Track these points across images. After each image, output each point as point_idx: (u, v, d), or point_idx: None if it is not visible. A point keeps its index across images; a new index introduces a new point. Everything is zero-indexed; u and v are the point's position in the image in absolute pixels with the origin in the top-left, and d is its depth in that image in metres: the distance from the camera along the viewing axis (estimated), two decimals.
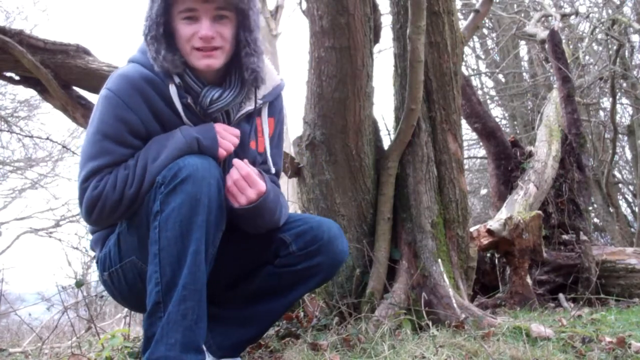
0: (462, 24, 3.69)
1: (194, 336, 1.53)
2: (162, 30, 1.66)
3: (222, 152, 1.67)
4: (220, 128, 1.70)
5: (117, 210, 1.65)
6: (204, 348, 1.79)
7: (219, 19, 1.66)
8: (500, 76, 9.77)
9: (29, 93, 9.52)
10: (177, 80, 1.69)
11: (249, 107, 1.79)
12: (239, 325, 1.83)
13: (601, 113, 8.38)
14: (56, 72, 2.99)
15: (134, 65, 1.73)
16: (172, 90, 1.69)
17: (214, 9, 1.65)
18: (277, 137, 1.93)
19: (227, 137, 1.69)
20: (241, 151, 1.78)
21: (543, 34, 5.64)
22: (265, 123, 1.85)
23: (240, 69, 1.74)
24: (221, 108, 1.73)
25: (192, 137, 1.64)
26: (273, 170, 1.88)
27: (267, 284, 1.83)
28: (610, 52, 7.12)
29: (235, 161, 1.71)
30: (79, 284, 2.42)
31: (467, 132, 7.27)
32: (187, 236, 1.54)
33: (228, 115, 1.77)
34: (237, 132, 1.73)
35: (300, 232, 1.80)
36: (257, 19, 1.72)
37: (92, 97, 3.04)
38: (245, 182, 1.68)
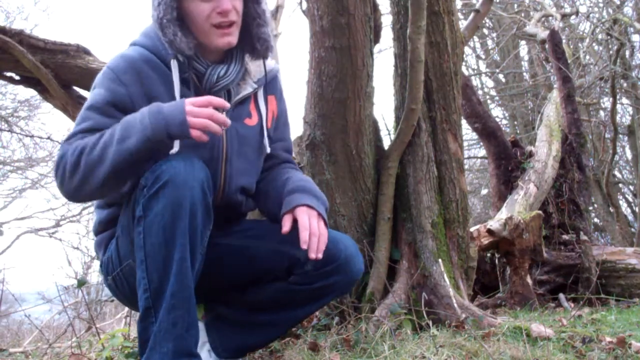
0: (462, 24, 3.70)
1: (185, 343, 1.53)
2: (176, 14, 1.66)
3: (195, 133, 1.52)
4: (190, 105, 1.54)
5: (74, 176, 1.56)
6: (209, 348, 1.81)
7: None
8: (500, 76, 9.77)
9: (29, 93, 9.53)
10: (181, 58, 1.69)
11: (245, 91, 1.80)
12: (244, 329, 1.83)
13: (601, 113, 8.38)
14: (56, 72, 3.00)
15: (136, 47, 1.73)
16: (174, 65, 1.68)
17: None
18: (284, 115, 1.98)
19: (199, 113, 1.53)
20: (240, 127, 1.79)
21: (543, 34, 5.64)
22: (261, 100, 1.86)
23: (242, 45, 1.76)
24: (227, 85, 1.75)
25: (160, 126, 1.52)
26: (268, 149, 1.88)
27: (277, 299, 1.80)
28: (611, 52, 7.13)
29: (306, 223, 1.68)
30: (81, 284, 2.42)
31: (467, 132, 7.26)
32: (171, 242, 1.52)
33: (229, 93, 1.78)
34: (211, 100, 1.57)
35: None
36: None
37: None
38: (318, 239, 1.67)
